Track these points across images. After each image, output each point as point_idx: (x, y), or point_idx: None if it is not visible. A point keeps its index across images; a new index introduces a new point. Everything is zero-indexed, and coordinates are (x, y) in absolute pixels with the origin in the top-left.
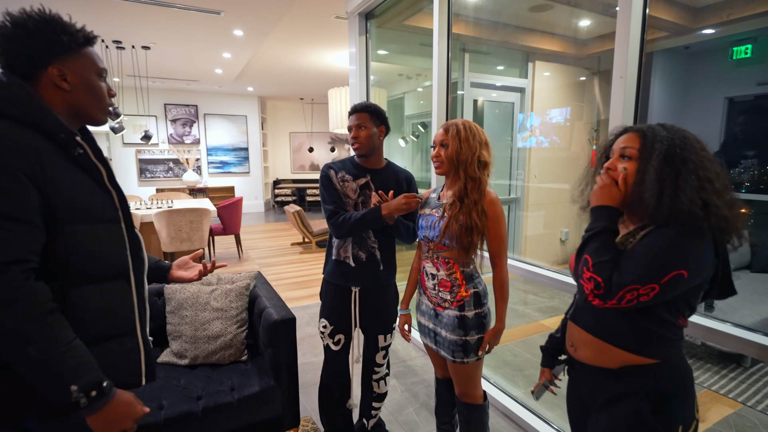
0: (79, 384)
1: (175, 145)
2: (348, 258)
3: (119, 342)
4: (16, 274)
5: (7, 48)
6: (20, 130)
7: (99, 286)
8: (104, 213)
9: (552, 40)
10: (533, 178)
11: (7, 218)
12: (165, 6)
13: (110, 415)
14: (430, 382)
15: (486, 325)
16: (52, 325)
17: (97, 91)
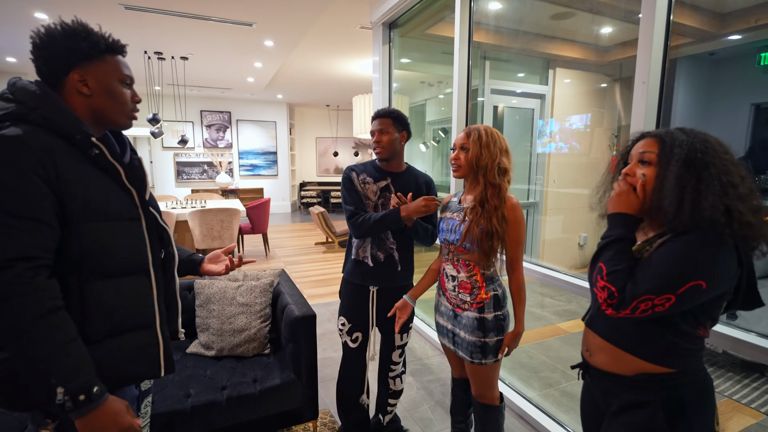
0: (67, 386)
1: (209, 149)
2: (367, 258)
3: (137, 335)
4: (22, 270)
5: (37, 55)
6: (38, 133)
7: (115, 281)
8: (122, 211)
9: (573, 47)
10: (552, 183)
11: (16, 216)
12: (202, 19)
13: (96, 422)
14: (446, 381)
15: (505, 327)
16: (51, 324)
17: (117, 97)
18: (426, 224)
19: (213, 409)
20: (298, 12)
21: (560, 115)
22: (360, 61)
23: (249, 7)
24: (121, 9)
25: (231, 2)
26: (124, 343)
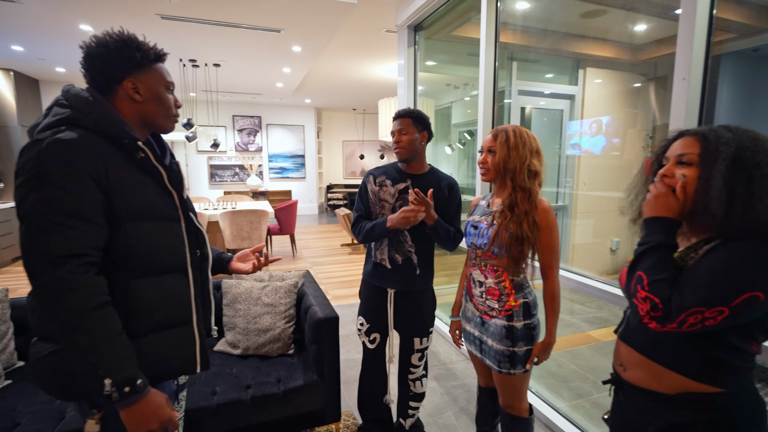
0: (114, 378)
1: (240, 152)
2: (384, 260)
3: (176, 332)
4: (74, 267)
5: (91, 65)
6: (90, 137)
7: (157, 279)
8: (163, 212)
9: (604, 46)
10: (582, 186)
11: (70, 215)
12: (233, 27)
13: (139, 413)
14: (470, 387)
15: (535, 337)
16: (99, 318)
17: (164, 102)
18: (449, 227)
19: (238, 408)
20: (324, 17)
21: (591, 116)
22: (385, 65)
23: (277, 14)
24: (158, 19)
25: (260, 10)
26: (164, 339)
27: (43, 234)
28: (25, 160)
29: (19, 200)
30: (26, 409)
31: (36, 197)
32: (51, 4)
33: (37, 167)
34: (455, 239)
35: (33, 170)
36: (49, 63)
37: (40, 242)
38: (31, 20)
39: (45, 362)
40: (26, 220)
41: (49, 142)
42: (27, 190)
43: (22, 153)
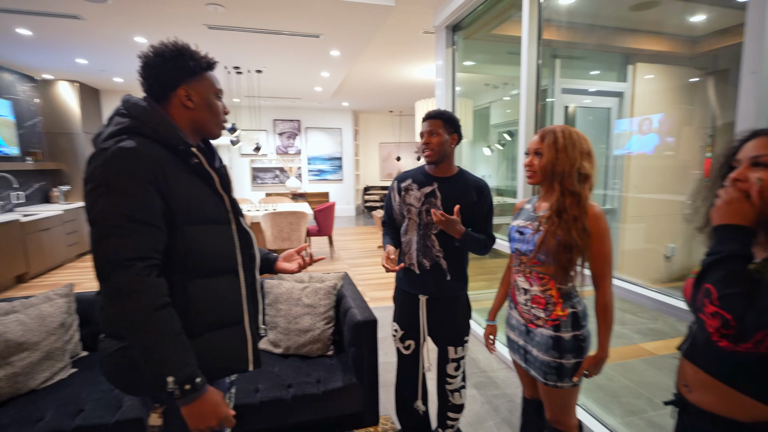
0: (176, 376)
1: (280, 155)
2: (413, 265)
3: (229, 331)
4: (139, 270)
5: (148, 74)
6: (149, 145)
7: (212, 280)
8: (216, 215)
9: (657, 39)
10: (633, 188)
11: (134, 220)
12: (274, 33)
13: (199, 410)
14: (513, 398)
15: (585, 349)
16: (163, 318)
17: (214, 109)
18: (478, 235)
19: (279, 406)
20: (362, 21)
21: (641, 114)
22: (423, 66)
23: (316, 20)
24: (205, 29)
25: (300, 16)
26: (218, 338)
27: (110, 238)
28: (92, 169)
29: (89, 207)
30: (89, 396)
31: (103, 204)
32: (110, 19)
33: (103, 175)
34: (487, 245)
35: (100, 178)
36: (109, 74)
37: (108, 246)
38: (94, 35)
39: (113, 358)
40: (95, 225)
41: (113, 151)
42: (95, 197)
43: (89, 162)
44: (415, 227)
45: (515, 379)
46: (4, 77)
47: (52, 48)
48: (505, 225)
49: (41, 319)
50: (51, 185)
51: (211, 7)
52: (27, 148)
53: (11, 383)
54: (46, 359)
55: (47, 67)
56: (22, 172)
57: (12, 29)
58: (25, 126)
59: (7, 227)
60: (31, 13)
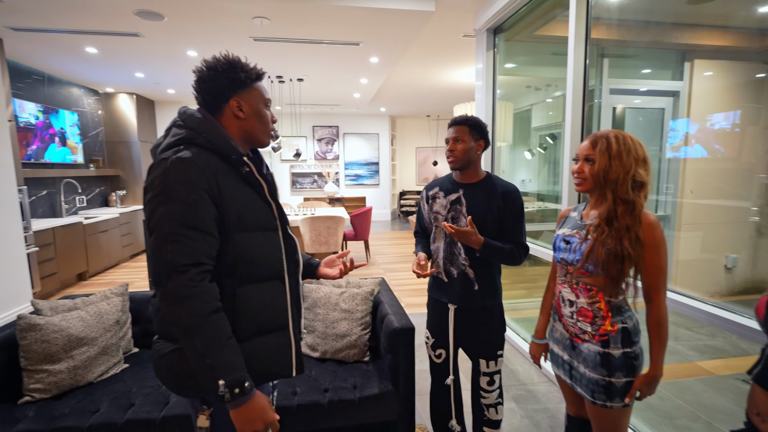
0: (227, 380)
1: (319, 160)
2: (441, 273)
3: (274, 336)
4: (194, 275)
5: (202, 87)
6: (204, 154)
7: (259, 285)
8: (264, 222)
9: (718, 34)
10: (689, 194)
11: (190, 227)
12: (315, 43)
13: (247, 414)
14: (554, 413)
15: (637, 367)
16: (215, 323)
17: (263, 118)
18: (502, 245)
19: (316, 410)
20: (402, 27)
21: (699, 114)
22: (461, 70)
23: (356, 28)
24: (251, 41)
25: (341, 25)
26: (264, 343)
27: (168, 244)
28: (153, 178)
29: (149, 214)
30: (139, 392)
31: (162, 211)
32: (165, 35)
33: (162, 184)
34: (515, 255)
35: (159, 187)
36: (163, 86)
37: (166, 252)
38: (151, 51)
39: (165, 360)
40: (154, 231)
41: (172, 161)
42: (155, 205)
43: (150, 171)
44: (442, 235)
45: (557, 393)
46: (73, 91)
47: (115, 64)
48: (547, 232)
49: (99, 316)
50: (109, 190)
51: (257, 20)
52: (90, 156)
53: (72, 375)
54: (102, 354)
55: (109, 81)
56: (84, 178)
57: (82, 48)
58: (89, 136)
59: (72, 229)
60: (98, 33)
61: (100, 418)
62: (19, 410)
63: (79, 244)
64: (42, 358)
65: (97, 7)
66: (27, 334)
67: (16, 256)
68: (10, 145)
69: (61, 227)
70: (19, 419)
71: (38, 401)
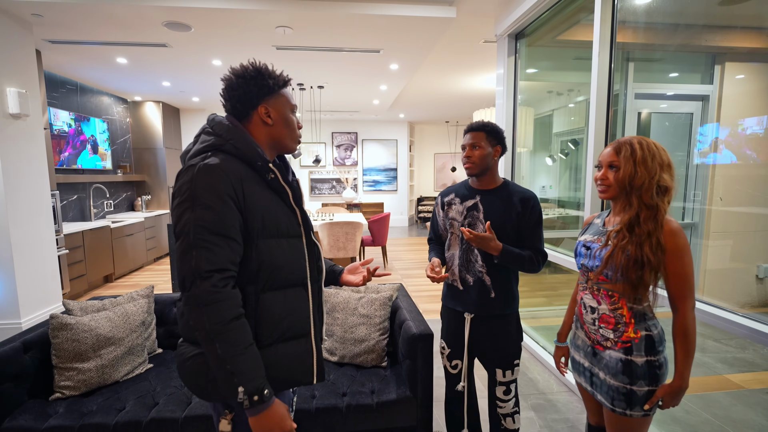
0: (246, 387)
1: (338, 166)
2: (456, 281)
3: (296, 344)
4: (217, 281)
5: (231, 95)
6: (231, 161)
7: (283, 292)
8: (289, 229)
9: (750, 35)
10: (718, 201)
11: (215, 233)
12: (336, 51)
13: (264, 422)
14: (575, 423)
15: (660, 377)
16: (237, 329)
17: (290, 124)
18: (519, 252)
19: (334, 414)
20: (422, 34)
21: (730, 119)
22: (481, 75)
23: (377, 35)
24: (273, 50)
25: (362, 33)
26: (286, 350)
27: (193, 250)
28: (181, 184)
29: (176, 219)
30: (163, 391)
31: (188, 217)
32: (192, 45)
33: (190, 190)
34: (533, 262)
35: (186, 193)
36: (188, 94)
37: (191, 257)
38: (178, 60)
39: (189, 364)
40: (181, 236)
41: (199, 168)
42: (182, 211)
43: (178, 177)
44: (458, 242)
45: (578, 403)
46: (104, 100)
47: (143, 73)
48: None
49: (126, 317)
50: (135, 195)
51: (280, 29)
52: (118, 162)
53: (100, 374)
54: (128, 354)
55: (138, 90)
56: (112, 183)
57: (113, 59)
58: (117, 142)
59: (101, 232)
60: (129, 44)
61: (126, 416)
62: (50, 406)
63: (106, 247)
64: (72, 356)
65: (129, 19)
66: (59, 332)
67: (48, 257)
68: (45, 152)
69: (89, 231)
70: (51, 415)
71: (68, 398)
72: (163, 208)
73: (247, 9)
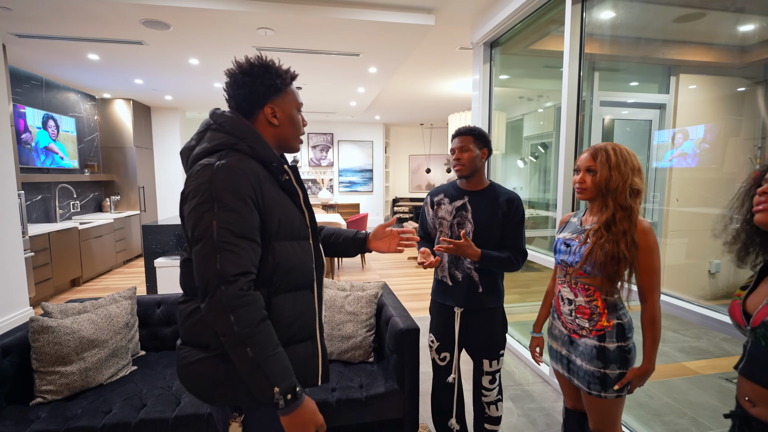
0: (281, 386)
1: (313, 167)
2: (445, 277)
3: (303, 346)
4: (243, 284)
5: (236, 92)
6: (247, 161)
7: (293, 294)
8: (300, 230)
9: (702, 50)
10: (674, 202)
11: (239, 236)
12: (316, 53)
13: (299, 419)
14: (549, 411)
15: (630, 360)
16: (266, 331)
17: (296, 123)
18: (498, 255)
19: (324, 409)
20: (401, 40)
21: (684, 125)
22: (456, 80)
23: (357, 39)
24: (253, 50)
25: (342, 37)
26: (296, 352)
27: (217, 253)
28: (197, 185)
29: (195, 222)
30: (150, 392)
31: (210, 219)
32: (168, 43)
33: (210, 191)
34: (512, 262)
35: (206, 194)
36: (161, 92)
37: (215, 261)
38: (153, 58)
39: (194, 367)
40: (202, 240)
41: (219, 168)
42: (203, 213)
43: (192, 177)
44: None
45: (552, 392)
46: (70, 97)
47: (116, 70)
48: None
49: (109, 319)
50: (103, 195)
51: (261, 30)
52: (85, 161)
53: (83, 377)
54: (112, 356)
55: (107, 87)
56: (79, 183)
57: (84, 55)
58: (84, 141)
59: (68, 234)
60: (103, 40)
61: (113, 418)
62: (31, 411)
63: (73, 250)
64: (54, 359)
65: (105, 16)
66: (39, 336)
67: (14, 260)
68: (11, 150)
69: (56, 232)
70: (33, 420)
71: (50, 402)
72: (133, 209)
73: (230, 10)
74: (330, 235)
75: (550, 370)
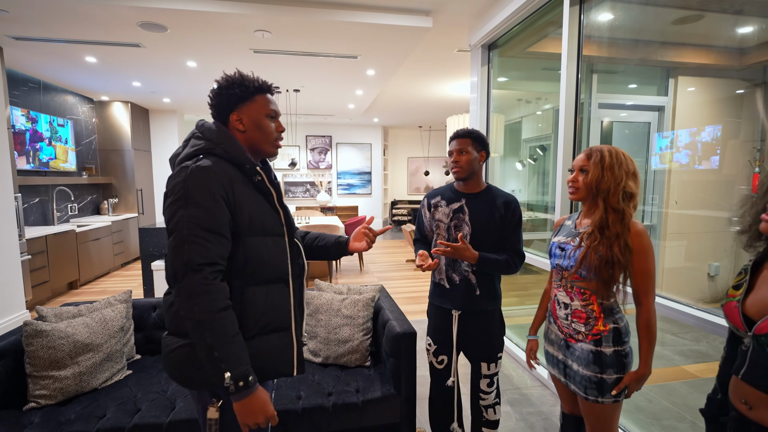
0: (232, 372)
1: (312, 169)
2: (443, 280)
3: (277, 336)
4: (207, 273)
5: (211, 103)
6: (221, 164)
7: (266, 287)
8: (273, 227)
9: (701, 52)
10: (673, 204)
11: (206, 230)
12: (314, 56)
13: (249, 407)
14: (548, 415)
15: (627, 365)
16: (225, 319)
17: (264, 129)
18: (495, 257)
19: (320, 414)
20: (399, 42)
21: (683, 127)
22: (454, 83)
23: (355, 42)
24: (251, 53)
25: (340, 39)
26: (268, 342)
27: (185, 244)
28: (174, 184)
29: (169, 217)
30: (145, 397)
31: (182, 215)
32: (165, 46)
33: (183, 190)
34: (509, 264)
35: (180, 192)
36: (159, 95)
37: (183, 251)
38: (150, 61)
39: (175, 354)
40: (174, 232)
41: (192, 169)
42: (176, 209)
43: (171, 178)
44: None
45: (550, 396)
46: (68, 99)
47: (114, 73)
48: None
49: (104, 323)
50: (101, 198)
51: (259, 33)
52: (83, 163)
53: (77, 381)
54: (107, 360)
55: (105, 90)
56: (77, 186)
57: (82, 58)
58: (82, 143)
59: (65, 237)
60: (100, 43)
61: (107, 423)
62: (24, 416)
63: (71, 253)
64: (48, 364)
65: (102, 18)
66: (33, 340)
67: (11, 263)
68: (8, 153)
69: (53, 235)
70: (25, 425)
71: (44, 407)
72: (131, 211)
73: (227, 12)
74: (314, 239)
75: (548, 374)
